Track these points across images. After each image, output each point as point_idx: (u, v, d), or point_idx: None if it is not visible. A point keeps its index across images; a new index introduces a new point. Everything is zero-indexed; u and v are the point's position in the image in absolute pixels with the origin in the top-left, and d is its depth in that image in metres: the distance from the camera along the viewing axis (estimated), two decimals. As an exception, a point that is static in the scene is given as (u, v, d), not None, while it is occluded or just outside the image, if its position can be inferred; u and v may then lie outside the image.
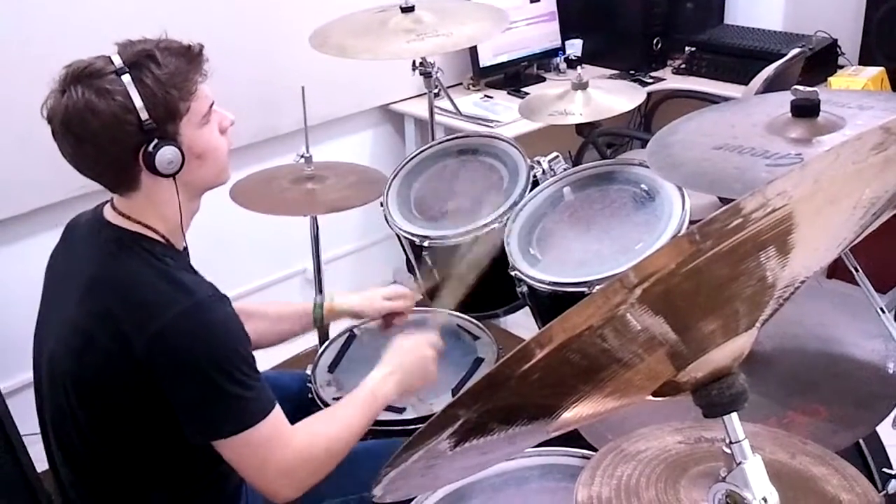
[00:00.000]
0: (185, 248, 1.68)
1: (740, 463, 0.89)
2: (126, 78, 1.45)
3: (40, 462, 1.80)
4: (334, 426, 1.65)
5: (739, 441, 0.89)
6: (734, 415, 0.89)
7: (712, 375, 0.87)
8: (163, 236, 1.58)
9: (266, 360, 2.08)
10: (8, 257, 2.80)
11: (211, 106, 1.57)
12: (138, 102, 1.45)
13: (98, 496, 1.65)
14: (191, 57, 1.52)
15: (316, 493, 1.62)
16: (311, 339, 2.65)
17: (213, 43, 1.58)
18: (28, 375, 1.69)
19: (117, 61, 1.46)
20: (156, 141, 1.47)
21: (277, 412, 1.54)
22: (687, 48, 3.84)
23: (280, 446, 1.54)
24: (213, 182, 1.63)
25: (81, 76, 1.45)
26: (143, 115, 1.45)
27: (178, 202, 1.56)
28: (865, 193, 0.83)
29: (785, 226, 0.75)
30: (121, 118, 1.44)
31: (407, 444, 0.87)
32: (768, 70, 2.99)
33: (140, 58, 1.47)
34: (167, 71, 1.48)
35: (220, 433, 1.50)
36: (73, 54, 1.51)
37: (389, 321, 2.19)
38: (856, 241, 0.97)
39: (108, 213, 1.60)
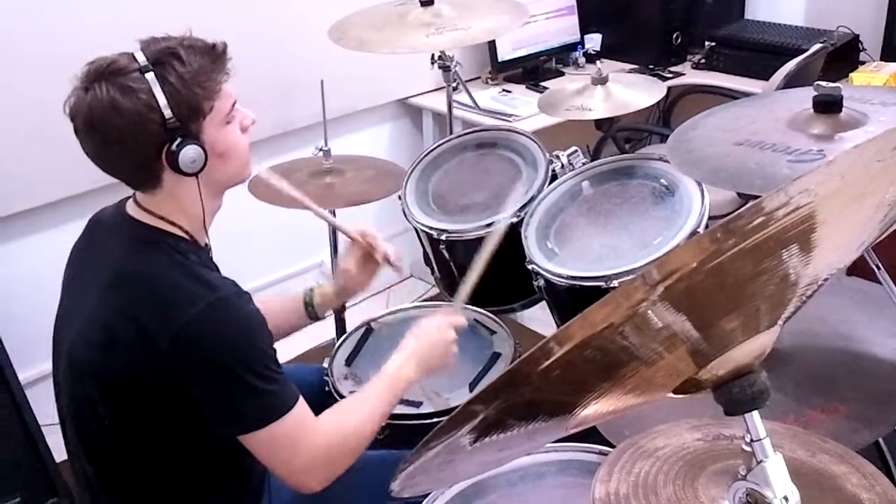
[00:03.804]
0: (208, 245, 1.67)
1: (761, 461, 0.89)
2: (150, 76, 1.44)
3: (59, 452, 1.81)
4: (358, 415, 1.65)
5: (761, 439, 0.89)
6: (755, 413, 0.89)
7: (734, 373, 0.87)
8: (186, 232, 1.58)
9: (282, 353, 2.08)
10: (25, 250, 2.82)
11: (233, 104, 1.56)
12: (162, 100, 1.44)
13: (119, 488, 1.65)
14: (215, 56, 1.51)
15: (334, 501, 1.62)
16: (328, 332, 2.66)
17: (232, 36, 1.58)
18: (47, 366, 1.70)
19: (141, 59, 1.45)
20: (179, 140, 1.47)
21: (302, 405, 1.54)
22: (707, 43, 3.82)
23: (306, 439, 1.54)
24: (235, 180, 1.63)
25: (105, 73, 1.44)
26: (167, 114, 1.44)
27: (201, 200, 1.56)
28: (889, 192, 0.83)
29: (808, 224, 0.74)
30: (145, 116, 1.44)
31: (425, 439, 0.87)
32: (789, 65, 2.97)
33: (164, 56, 1.46)
34: (191, 69, 1.46)
35: (246, 428, 1.50)
36: (90, 47, 1.51)
37: (378, 265, 2.06)
38: (878, 239, 0.96)
39: (132, 209, 1.60)
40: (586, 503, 1.05)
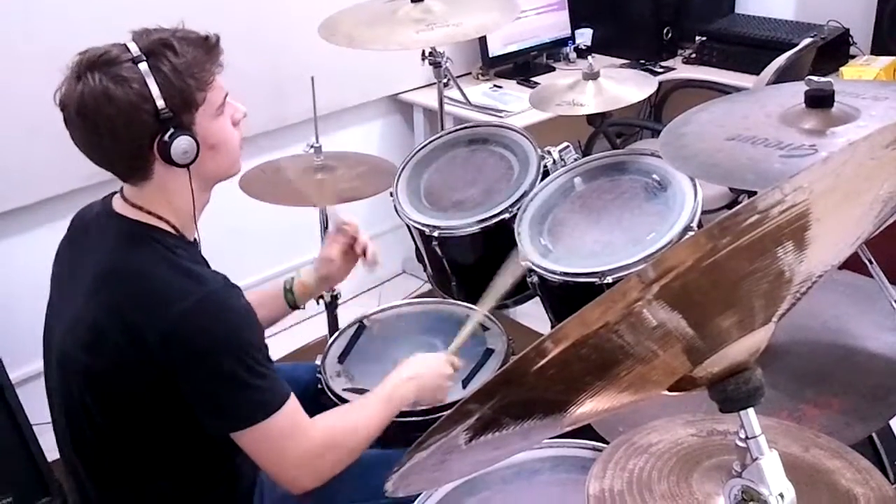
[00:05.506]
0: (196, 240, 1.67)
1: (756, 458, 0.89)
2: (143, 66, 1.43)
3: (51, 451, 1.80)
4: (353, 420, 1.65)
5: (756, 436, 0.89)
6: (751, 410, 0.89)
7: (729, 370, 0.87)
8: (174, 227, 1.57)
9: (275, 350, 2.07)
10: (17, 248, 2.81)
11: (225, 97, 1.56)
12: (155, 91, 1.43)
13: (110, 486, 1.65)
14: (208, 47, 1.51)
15: (329, 501, 1.62)
16: (320, 330, 2.66)
17: (222, 33, 1.57)
18: (38, 365, 1.69)
19: (134, 49, 1.45)
20: (171, 130, 1.47)
21: (293, 402, 1.54)
22: (698, 38, 3.82)
23: (298, 436, 1.54)
24: (225, 174, 1.63)
25: (98, 63, 1.44)
26: (160, 104, 1.44)
27: (192, 193, 1.55)
28: (884, 188, 0.83)
29: (803, 221, 0.74)
30: (137, 106, 1.43)
31: (420, 439, 0.87)
32: (780, 60, 2.97)
33: (157, 46, 1.46)
34: (184, 60, 1.47)
35: (236, 424, 1.50)
36: (80, 44, 1.50)
37: (358, 257, 2.09)
38: (872, 235, 0.96)
39: (118, 205, 1.59)
40: (581, 500, 1.05)
